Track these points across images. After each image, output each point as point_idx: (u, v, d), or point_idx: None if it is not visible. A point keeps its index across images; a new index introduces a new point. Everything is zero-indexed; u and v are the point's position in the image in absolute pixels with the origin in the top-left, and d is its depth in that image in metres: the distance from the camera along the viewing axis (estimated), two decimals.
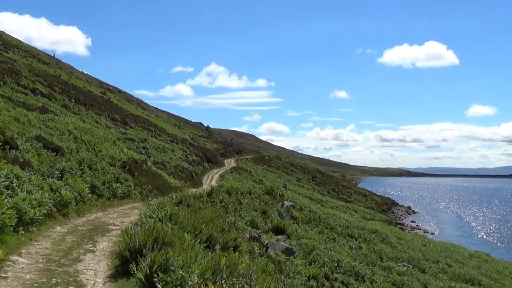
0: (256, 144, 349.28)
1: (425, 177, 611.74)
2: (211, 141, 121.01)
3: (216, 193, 27.12)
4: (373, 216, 71.91)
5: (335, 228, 32.46)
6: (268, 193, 35.53)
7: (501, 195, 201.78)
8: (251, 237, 18.96)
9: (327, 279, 18.22)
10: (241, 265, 10.12)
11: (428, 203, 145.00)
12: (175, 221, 13.91)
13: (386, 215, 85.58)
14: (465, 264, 35.74)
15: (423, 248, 37.95)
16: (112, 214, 19.57)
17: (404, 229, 66.19)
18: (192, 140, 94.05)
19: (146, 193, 26.94)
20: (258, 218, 24.94)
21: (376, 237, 35.04)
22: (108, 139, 35.90)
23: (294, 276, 16.21)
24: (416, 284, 22.91)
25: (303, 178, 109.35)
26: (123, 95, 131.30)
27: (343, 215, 45.63)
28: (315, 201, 60.78)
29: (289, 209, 32.16)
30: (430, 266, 29.98)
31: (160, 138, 66.79)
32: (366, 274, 21.42)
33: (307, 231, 27.42)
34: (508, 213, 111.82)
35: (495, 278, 33.04)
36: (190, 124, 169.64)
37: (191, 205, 19.58)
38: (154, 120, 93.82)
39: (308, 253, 21.21)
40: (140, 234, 10.81)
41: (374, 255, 27.25)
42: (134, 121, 70.30)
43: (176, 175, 40.90)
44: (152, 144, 53.59)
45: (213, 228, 14.42)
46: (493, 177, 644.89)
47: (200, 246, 12.01)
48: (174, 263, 9.13)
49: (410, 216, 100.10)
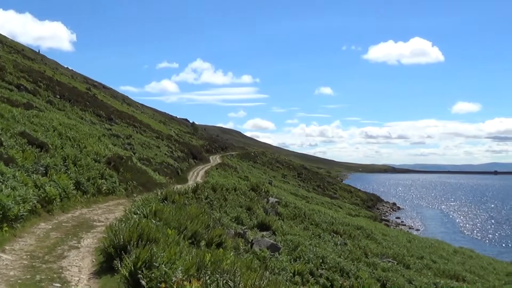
0: (242, 140, 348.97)
1: (410, 173, 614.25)
2: (197, 137, 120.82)
3: (201, 189, 27.12)
4: (358, 212, 72.12)
5: (320, 225, 32.54)
6: (254, 189, 35.55)
7: (486, 192, 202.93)
8: (236, 233, 18.98)
9: (312, 275, 18.28)
10: (226, 262, 10.12)
11: (413, 199, 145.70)
12: (160, 218, 13.90)
13: (371, 212, 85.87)
14: (450, 260, 35.95)
15: (407, 244, 38.14)
16: (96, 210, 19.51)
17: (389, 225, 66.53)
18: (178, 136, 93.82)
19: (131, 190, 26.86)
20: (243, 214, 24.96)
21: (361, 233, 35.18)
22: (93, 135, 35.78)
23: (279, 272, 16.23)
24: (401, 280, 23.01)
25: (288, 174, 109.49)
26: (108, 91, 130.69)
27: (328, 212, 45.76)
28: (301, 198, 60.91)
29: (274, 206, 32.20)
30: (415, 262, 30.13)
31: (146, 134, 66.59)
32: (351, 270, 21.50)
33: (292, 227, 27.49)
34: (492, 210, 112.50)
35: (479, 274, 33.26)
36: (176, 120, 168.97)
37: (176, 202, 19.57)
38: (140, 116, 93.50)
39: (293, 249, 21.26)
40: (125, 231, 10.80)
41: (359, 251, 27.36)
42: (119, 117, 70.04)
43: (162, 171, 40.82)
44: (137, 140, 53.43)
45: (198, 224, 14.40)
46: (478, 174, 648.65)
47: (185, 243, 12.00)
48: (158, 259, 9.13)
49: (395, 213, 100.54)
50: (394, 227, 67.69)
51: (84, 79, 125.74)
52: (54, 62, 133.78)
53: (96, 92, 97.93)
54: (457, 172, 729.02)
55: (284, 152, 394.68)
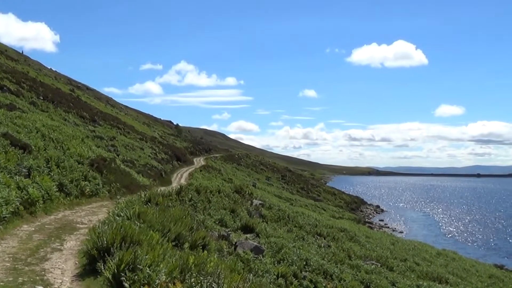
0: (226, 142, 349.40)
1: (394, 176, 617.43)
2: (181, 139, 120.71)
3: (185, 191, 27.07)
4: (342, 214, 72.38)
5: (304, 227, 32.56)
6: (237, 191, 35.50)
7: (469, 194, 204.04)
8: (220, 235, 18.96)
9: (295, 277, 18.29)
10: (210, 264, 10.13)
11: (397, 202, 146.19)
12: (144, 220, 13.87)
13: (355, 214, 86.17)
14: (433, 262, 36.09)
15: (391, 247, 38.25)
16: (80, 212, 19.42)
17: (373, 228, 66.66)
18: (162, 138, 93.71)
19: (114, 192, 26.78)
20: (227, 216, 24.94)
21: (344, 236, 35.24)
22: (77, 137, 35.64)
23: (262, 275, 16.23)
24: (384, 282, 23.07)
25: (272, 176, 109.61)
26: (92, 93, 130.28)
27: (312, 214, 45.80)
28: (284, 200, 61.00)
29: (258, 208, 32.19)
30: (398, 265, 30.21)
31: (129, 136, 66.44)
32: (334, 272, 21.53)
33: (276, 230, 27.49)
34: (475, 212, 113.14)
35: (462, 276, 33.42)
36: (160, 122, 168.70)
37: (159, 204, 19.54)
38: (123, 118, 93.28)
39: (277, 252, 21.26)
40: (108, 233, 10.76)
41: (342, 254, 27.40)
42: (103, 119, 69.81)
43: (145, 173, 40.75)
44: (121, 142, 53.29)
45: (181, 226, 14.39)
46: (461, 176, 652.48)
47: (168, 245, 11.98)
48: (142, 261, 9.11)
49: (378, 215, 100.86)
50: (378, 229, 67.81)
51: (67, 80, 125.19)
52: (37, 63, 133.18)
53: (80, 93, 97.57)
54: (441, 174, 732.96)
55: (268, 154, 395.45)
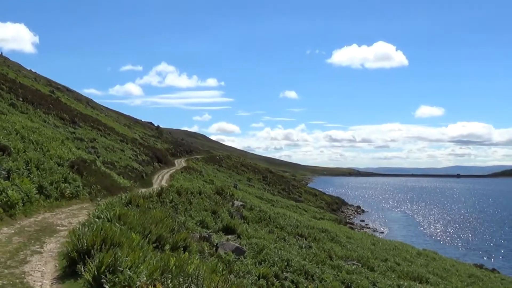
0: (207, 144, 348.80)
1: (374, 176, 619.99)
2: (162, 140, 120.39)
3: (166, 193, 27.00)
4: (323, 215, 72.58)
5: (285, 228, 32.61)
6: (219, 193, 35.45)
7: (448, 195, 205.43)
8: (201, 237, 18.92)
9: (277, 278, 18.28)
10: (191, 265, 10.10)
11: (377, 202, 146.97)
12: (124, 222, 13.82)
13: (336, 215, 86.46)
14: (413, 262, 36.27)
15: (372, 247, 38.39)
16: (60, 214, 19.30)
17: (354, 228, 66.93)
18: (142, 140, 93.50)
19: (95, 193, 26.64)
20: (208, 218, 24.90)
21: (325, 236, 35.33)
22: (57, 138, 35.43)
23: (244, 276, 16.21)
24: (365, 283, 23.13)
25: (253, 178, 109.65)
26: (72, 94, 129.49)
27: (293, 215, 45.85)
28: (266, 201, 61.04)
29: (239, 209, 32.19)
30: (379, 265, 30.31)
31: (110, 138, 66.18)
32: (315, 273, 21.55)
33: (257, 231, 27.48)
34: (455, 213, 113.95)
35: (442, 276, 33.61)
36: (140, 123, 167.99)
37: (140, 205, 19.48)
38: (104, 120, 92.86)
39: (258, 253, 21.25)
40: (88, 235, 10.72)
41: (323, 254, 27.44)
42: (83, 120, 69.47)
43: (126, 175, 40.61)
44: (102, 144, 53.10)
45: (162, 228, 14.35)
46: (441, 177, 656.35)
47: (149, 247, 11.95)
48: (122, 263, 9.08)
49: (359, 215, 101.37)
50: (359, 230, 68.12)
51: (47, 81, 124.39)
52: (16, 64, 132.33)
53: (60, 95, 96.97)
54: (421, 175, 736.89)
55: (249, 155, 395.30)
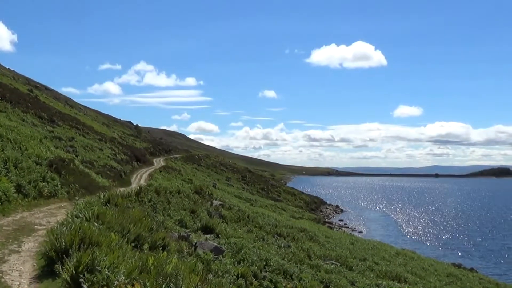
0: (186, 143, 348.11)
1: (353, 176, 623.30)
2: (140, 140, 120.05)
3: (145, 192, 26.94)
4: (302, 215, 72.74)
5: (264, 227, 32.63)
6: (197, 192, 35.45)
7: (427, 194, 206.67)
8: (180, 236, 18.92)
9: (255, 277, 18.32)
10: (169, 265, 10.12)
11: (356, 202, 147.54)
12: (103, 221, 13.80)
13: (315, 214, 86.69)
14: (392, 261, 36.41)
15: (350, 246, 38.52)
16: (38, 214, 19.21)
17: (332, 228, 67.11)
18: (121, 139, 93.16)
19: (73, 193, 26.52)
20: (187, 217, 24.87)
21: (304, 236, 35.39)
22: (35, 137, 35.24)
23: (222, 275, 16.23)
24: (344, 282, 23.20)
25: (232, 177, 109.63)
26: (51, 93, 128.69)
27: (272, 214, 45.91)
28: (245, 200, 61.08)
29: (218, 208, 32.18)
30: (358, 264, 30.42)
31: (88, 137, 65.89)
32: (294, 272, 21.58)
33: (236, 230, 27.49)
34: (433, 212, 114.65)
35: (420, 275, 33.77)
36: (119, 122, 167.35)
37: (119, 205, 19.43)
38: (82, 119, 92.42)
39: (237, 252, 21.26)
40: (66, 234, 10.70)
41: (302, 254, 27.49)
42: (62, 119, 69.07)
43: (105, 174, 40.48)
44: (80, 143, 52.87)
45: (141, 227, 14.35)
46: (419, 177, 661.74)
47: (127, 246, 11.94)
48: (100, 263, 9.08)
49: (338, 215, 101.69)
50: (337, 229, 68.31)
51: (26, 80, 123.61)
52: None
53: (38, 93, 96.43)
54: (399, 175, 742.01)
55: (228, 155, 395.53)
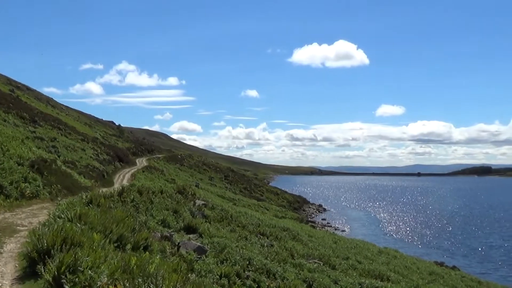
0: (168, 143, 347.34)
1: (336, 175, 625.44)
2: (123, 140, 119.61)
3: (127, 192, 26.89)
4: (285, 214, 72.85)
5: (247, 227, 32.67)
6: (180, 192, 35.44)
7: (409, 193, 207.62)
8: (162, 236, 18.91)
9: (238, 277, 18.32)
10: (152, 265, 10.12)
11: (339, 201, 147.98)
12: (85, 221, 13.76)
13: (298, 213, 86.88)
14: (375, 260, 36.56)
15: (333, 245, 38.66)
16: (20, 214, 19.12)
17: (315, 227, 67.26)
18: (103, 139, 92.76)
19: (55, 193, 26.41)
20: (169, 217, 24.87)
21: (287, 235, 35.45)
22: (16, 137, 35.08)
23: (205, 275, 16.24)
24: (327, 281, 23.26)
25: (215, 177, 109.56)
26: (32, 93, 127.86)
27: (255, 214, 45.98)
28: (227, 200, 61.11)
29: (201, 208, 32.19)
30: (341, 263, 30.51)
31: (71, 137, 65.57)
32: (277, 271, 21.61)
33: (219, 230, 27.50)
34: (415, 211, 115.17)
35: (403, 274, 33.92)
36: (101, 122, 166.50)
37: (101, 205, 19.38)
38: (64, 119, 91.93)
39: (220, 252, 21.28)
40: (48, 235, 10.67)
41: (285, 253, 27.54)
42: (44, 119, 68.71)
43: (87, 174, 40.31)
44: (62, 143, 52.62)
45: (123, 227, 14.32)
46: (402, 176, 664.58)
47: (110, 246, 11.93)
48: (82, 263, 9.07)
49: (321, 214, 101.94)
50: (320, 228, 68.47)
51: (7, 80, 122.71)
52: None
53: (20, 93, 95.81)
54: (382, 174, 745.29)
55: (211, 154, 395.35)
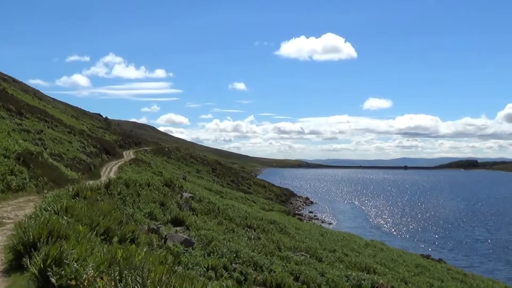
0: (156, 135, 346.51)
1: (323, 168, 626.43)
2: (110, 132, 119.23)
3: (114, 185, 26.83)
4: (272, 207, 72.84)
5: (234, 219, 32.66)
6: (167, 184, 35.39)
7: (396, 187, 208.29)
8: (149, 229, 18.88)
9: (226, 269, 18.33)
10: (138, 257, 10.10)
11: (326, 194, 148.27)
12: (72, 214, 13.72)
13: (285, 206, 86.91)
14: (361, 253, 36.65)
15: (320, 238, 38.73)
16: (6, 207, 19.04)
17: (302, 220, 67.42)
18: (90, 132, 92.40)
19: (42, 186, 26.31)
20: (156, 210, 24.83)
21: (274, 228, 35.49)
22: (3, 130, 34.94)
23: (192, 267, 16.23)
24: (314, 273, 23.28)
25: (202, 169, 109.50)
26: (19, 85, 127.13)
27: (242, 206, 45.97)
28: (215, 193, 61.04)
29: (188, 201, 32.15)
30: (327, 255, 30.55)
31: (57, 129, 65.34)
32: (264, 264, 21.62)
33: (206, 222, 27.50)
34: (402, 204, 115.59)
35: (389, 266, 34.01)
36: (88, 115, 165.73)
37: (88, 198, 19.32)
38: (51, 111, 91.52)
39: (207, 244, 21.27)
40: (34, 228, 10.63)
41: (272, 245, 27.55)
42: (30, 111, 68.38)
43: (74, 167, 40.17)
44: (49, 136, 52.42)
45: (110, 220, 14.29)
46: (389, 169, 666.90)
47: (97, 239, 11.89)
48: (68, 256, 9.04)
49: (308, 207, 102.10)
50: (307, 221, 68.61)
51: None
52: None
53: (6, 85, 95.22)
54: (369, 167, 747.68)
55: (199, 147, 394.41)
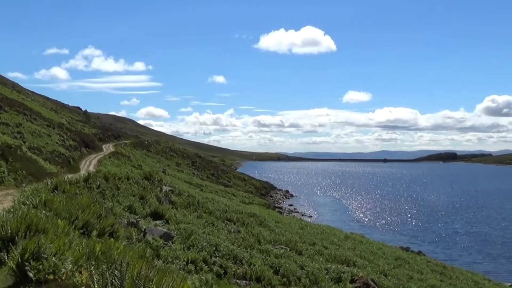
0: (135, 129, 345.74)
1: (303, 161, 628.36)
2: (89, 125, 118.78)
3: (93, 178, 26.72)
4: (252, 200, 72.99)
5: (213, 213, 32.65)
6: (147, 178, 35.30)
7: (375, 179, 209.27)
8: (129, 222, 18.82)
9: (205, 263, 18.32)
10: (117, 251, 10.07)
11: (306, 187, 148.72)
12: (50, 208, 13.65)
13: (265, 199, 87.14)
14: (341, 245, 36.82)
15: (300, 231, 38.84)
16: None
17: (282, 213, 67.56)
18: (69, 125, 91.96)
19: (20, 179, 26.17)
20: (136, 203, 24.75)
21: (254, 221, 35.54)
22: None
23: (172, 261, 16.21)
24: (293, 266, 23.34)
25: (182, 163, 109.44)
26: None
27: (222, 200, 45.98)
28: (195, 186, 61.08)
29: (168, 194, 32.10)
30: (307, 248, 30.66)
31: (36, 123, 64.97)
32: (244, 257, 21.65)
33: (186, 216, 27.46)
34: (381, 197, 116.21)
35: (369, 259, 34.21)
36: (67, 108, 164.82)
37: (67, 191, 19.24)
38: (30, 104, 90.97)
39: (187, 238, 21.25)
40: (13, 222, 10.55)
41: (252, 239, 27.60)
42: (9, 105, 67.92)
43: (53, 160, 39.99)
44: (28, 129, 52.14)
45: (89, 214, 14.22)
46: (368, 162, 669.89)
47: (75, 233, 11.83)
48: (47, 250, 8.99)
49: (288, 200, 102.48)
50: (287, 214, 68.80)
51: None
52: None
53: None
54: (348, 160, 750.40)
55: (178, 140, 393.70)
